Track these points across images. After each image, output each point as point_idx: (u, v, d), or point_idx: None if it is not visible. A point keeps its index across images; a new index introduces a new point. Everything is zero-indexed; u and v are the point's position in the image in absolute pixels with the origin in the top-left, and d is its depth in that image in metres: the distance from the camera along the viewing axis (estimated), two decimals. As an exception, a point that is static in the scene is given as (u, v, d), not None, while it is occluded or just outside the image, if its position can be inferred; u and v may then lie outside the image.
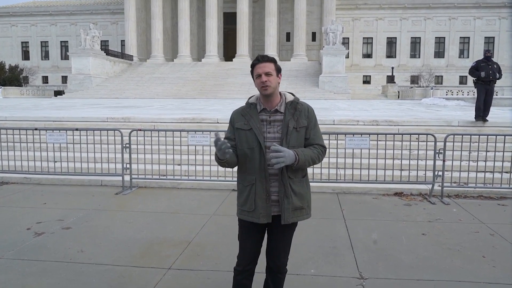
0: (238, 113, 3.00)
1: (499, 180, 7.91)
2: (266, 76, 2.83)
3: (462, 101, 24.35)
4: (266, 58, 2.89)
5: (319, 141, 2.97)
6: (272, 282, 3.20)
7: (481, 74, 10.77)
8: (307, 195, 3.03)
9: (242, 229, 3.10)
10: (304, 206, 2.99)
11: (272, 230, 3.07)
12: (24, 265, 4.59)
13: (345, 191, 8.05)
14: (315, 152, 2.90)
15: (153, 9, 50.68)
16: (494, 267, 4.58)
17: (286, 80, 40.69)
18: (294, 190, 2.91)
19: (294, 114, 2.90)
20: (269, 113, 2.92)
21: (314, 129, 2.96)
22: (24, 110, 17.31)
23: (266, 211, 2.92)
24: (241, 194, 3.02)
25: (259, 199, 2.90)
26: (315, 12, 55.68)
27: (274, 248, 3.10)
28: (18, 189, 8.26)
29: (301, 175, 2.98)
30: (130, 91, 38.92)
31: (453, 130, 10.06)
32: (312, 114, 2.98)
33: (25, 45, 63.74)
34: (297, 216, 2.97)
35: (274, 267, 3.15)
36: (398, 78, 53.01)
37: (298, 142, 2.89)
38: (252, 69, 2.93)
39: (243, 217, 3.02)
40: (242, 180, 3.01)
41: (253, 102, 2.98)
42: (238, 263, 3.14)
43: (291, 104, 2.93)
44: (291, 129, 2.86)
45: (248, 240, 3.08)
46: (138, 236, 5.53)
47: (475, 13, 55.92)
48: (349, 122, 10.96)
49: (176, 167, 8.66)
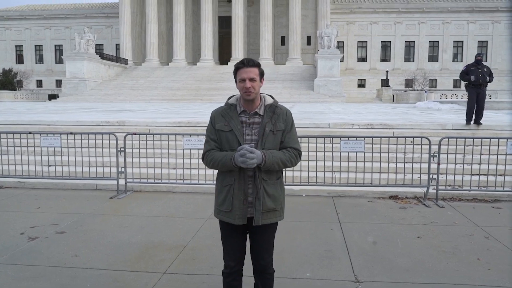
0: (218, 114, 3.01)
1: (493, 183, 7.94)
2: (250, 82, 2.86)
3: (456, 105, 24.48)
4: (252, 63, 2.89)
5: (293, 144, 3.01)
6: (261, 283, 3.21)
7: (471, 78, 10.86)
8: (280, 197, 3.07)
9: (223, 230, 3.13)
10: (277, 208, 3.03)
11: (252, 231, 3.10)
12: (17, 270, 4.55)
13: (340, 194, 8.05)
14: (286, 155, 2.94)
15: (148, 13, 50.65)
16: (489, 269, 4.60)
17: (281, 84, 40.77)
18: (267, 192, 2.95)
19: (272, 117, 2.95)
20: (248, 115, 2.95)
21: (290, 133, 3.01)
22: (18, 114, 17.21)
23: (242, 213, 2.95)
24: (219, 194, 3.05)
25: (237, 200, 2.93)
26: (310, 16, 55.91)
27: (257, 249, 3.14)
28: (11, 193, 8.20)
29: (275, 177, 3.02)
30: (125, 95, 38.82)
31: (447, 133, 10.10)
32: (289, 118, 3.03)
33: (19, 48, 63.50)
34: (270, 218, 3.01)
35: (259, 268, 3.17)
36: (393, 82, 53.27)
37: (274, 145, 2.94)
38: (236, 72, 2.93)
39: (220, 218, 3.05)
40: (221, 180, 3.04)
41: (233, 103, 3.01)
42: (225, 265, 3.17)
43: (270, 107, 2.98)
44: (268, 132, 2.91)
45: (230, 241, 3.11)
46: (133, 240, 5.50)
47: (468, 17, 56.38)
48: (344, 125, 10.98)
49: (171, 171, 8.64)
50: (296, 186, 8.16)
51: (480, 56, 11.12)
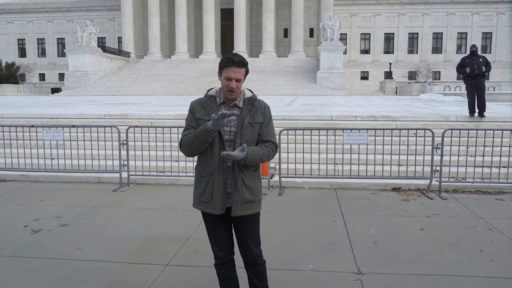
0: (198, 104, 3.02)
1: (496, 175, 7.92)
2: (236, 83, 2.87)
3: (460, 97, 24.32)
4: (241, 64, 2.86)
5: (271, 138, 3.05)
6: (253, 275, 3.19)
7: (466, 70, 10.78)
8: (258, 189, 3.09)
9: (206, 221, 3.14)
10: (254, 200, 3.04)
11: (235, 223, 3.11)
12: (21, 262, 4.58)
13: (343, 186, 8.04)
14: (265, 150, 2.98)
15: (150, 5, 50.47)
16: (492, 261, 4.59)
17: (283, 77, 40.68)
18: (245, 183, 2.97)
19: (251, 110, 2.98)
20: (228, 107, 2.97)
21: (267, 126, 3.05)
22: (20, 107, 17.24)
23: (221, 202, 2.96)
24: (198, 185, 3.04)
25: (216, 190, 2.94)
26: (313, 8, 55.61)
27: (243, 241, 3.13)
28: (15, 187, 8.23)
29: (253, 169, 3.04)
30: (128, 88, 38.82)
31: (451, 125, 10.06)
32: (267, 112, 3.08)
33: (22, 42, 63.51)
34: (247, 209, 3.02)
35: (249, 260, 3.16)
36: (396, 74, 53.06)
37: (252, 137, 2.96)
38: (223, 67, 2.88)
39: (200, 208, 3.05)
40: (200, 170, 3.03)
41: (212, 95, 3.02)
42: (215, 256, 3.18)
43: (249, 101, 3.01)
44: (246, 124, 2.93)
45: (215, 232, 3.12)
46: (136, 233, 5.51)
47: (472, 9, 55.93)
48: (347, 117, 10.94)
49: (174, 163, 8.65)
50: (298, 179, 8.15)
51: (475, 47, 10.99)
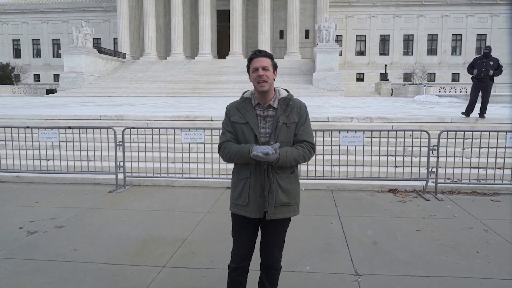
0: (233, 107, 2.99)
1: (492, 176, 7.95)
2: (263, 71, 2.84)
3: (455, 98, 24.46)
4: (264, 53, 2.90)
5: (307, 137, 2.95)
6: (266, 279, 3.16)
7: (474, 71, 10.84)
8: (294, 192, 3.01)
9: (235, 224, 3.09)
10: (291, 203, 2.99)
11: (265, 226, 3.06)
12: (16, 264, 4.54)
13: (339, 188, 8.05)
14: (300, 151, 2.89)
15: (146, 6, 50.38)
16: (489, 262, 4.61)
17: (279, 78, 40.57)
18: (280, 186, 2.91)
19: (286, 110, 2.91)
20: (262, 108, 2.93)
21: (303, 126, 2.96)
22: (15, 108, 17.14)
23: (259, 206, 2.92)
24: (235, 188, 3.01)
25: (253, 193, 2.90)
26: (309, 10, 55.66)
27: (268, 244, 3.09)
28: (10, 188, 8.18)
29: (289, 171, 2.98)
30: (123, 89, 38.68)
31: (446, 126, 10.09)
32: (304, 111, 2.98)
33: (16, 43, 63.18)
34: (283, 212, 2.96)
35: (268, 263, 3.13)
36: (391, 76, 53.21)
37: (287, 138, 2.90)
38: (249, 63, 2.92)
39: (236, 211, 3.01)
40: (237, 173, 3.01)
41: (248, 97, 2.99)
42: (232, 259, 3.13)
43: (284, 100, 2.95)
44: (281, 124, 2.87)
45: (242, 236, 3.07)
46: (132, 234, 5.49)
47: (467, 11, 56.21)
48: (343, 119, 10.96)
49: (170, 165, 8.62)
50: (295, 180, 8.13)
51: (488, 49, 10.89)
